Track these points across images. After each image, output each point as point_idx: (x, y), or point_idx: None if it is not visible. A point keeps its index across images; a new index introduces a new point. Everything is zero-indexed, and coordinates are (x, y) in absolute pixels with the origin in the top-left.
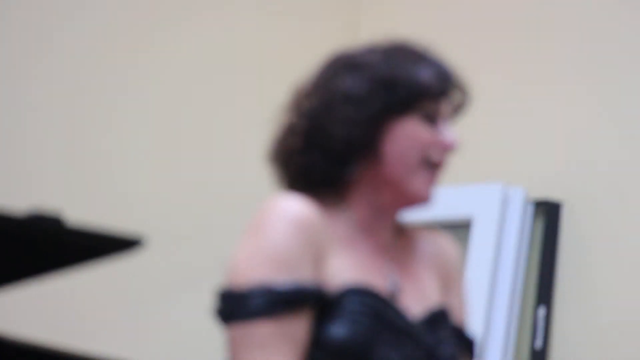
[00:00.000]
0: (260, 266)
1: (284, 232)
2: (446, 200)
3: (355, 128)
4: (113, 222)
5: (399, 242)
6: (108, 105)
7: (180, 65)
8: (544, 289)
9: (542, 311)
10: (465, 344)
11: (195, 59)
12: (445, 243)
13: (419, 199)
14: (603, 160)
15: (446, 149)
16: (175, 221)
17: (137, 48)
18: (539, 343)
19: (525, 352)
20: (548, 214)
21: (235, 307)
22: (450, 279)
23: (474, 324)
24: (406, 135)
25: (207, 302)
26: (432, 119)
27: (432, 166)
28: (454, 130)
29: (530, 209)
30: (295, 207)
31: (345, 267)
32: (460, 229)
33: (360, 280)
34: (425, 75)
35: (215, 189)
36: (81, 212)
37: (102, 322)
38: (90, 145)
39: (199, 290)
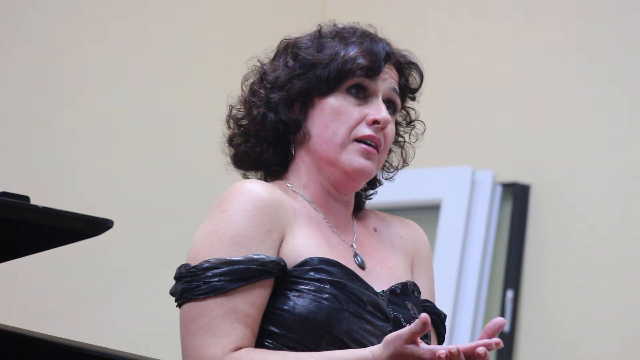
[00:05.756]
0: (218, 245)
1: (243, 213)
2: (416, 182)
3: (274, 112)
4: (75, 207)
5: (359, 222)
6: (70, 91)
7: (142, 53)
8: (512, 272)
9: (510, 294)
10: (436, 317)
11: (155, 46)
12: (415, 230)
13: (350, 170)
14: (570, 144)
15: (371, 123)
16: (137, 206)
17: (99, 35)
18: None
19: None
20: (516, 197)
21: (190, 285)
22: (419, 262)
23: (442, 307)
24: (330, 112)
25: (167, 285)
26: (363, 96)
27: (361, 141)
28: (382, 108)
29: (498, 192)
30: (255, 188)
31: (310, 243)
32: (429, 211)
33: (325, 254)
34: (346, 57)
35: (176, 175)
36: (45, 198)
37: (64, 305)
38: (53, 133)
39: (160, 274)
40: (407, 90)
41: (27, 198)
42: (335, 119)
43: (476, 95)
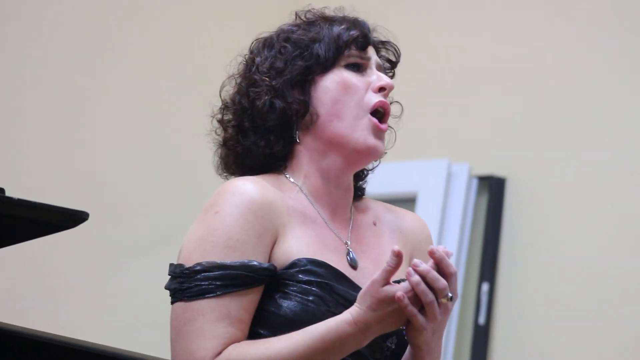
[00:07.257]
0: (211, 249)
1: (236, 216)
2: (392, 175)
3: (281, 98)
4: (60, 195)
5: (358, 215)
6: (48, 83)
7: (130, 46)
8: (488, 265)
9: (485, 287)
10: None
11: (143, 42)
12: (418, 224)
13: (364, 148)
14: (546, 138)
15: (377, 90)
16: (123, 194)
17: (87, 29)
18: (482, 319)
19: (469, 328)
20: (492, 190)
21: (182, 287)
22: (418, 257)
23: None
24: (336, 87)
25: (154, 272)
26: (359, 68)
27: (372, 112)
28: (383, 75)
29: (474, 185)
30: (248, 189)
31: (301, 245)
32: (405, 203)
33: (316, 255)
34: (338, 30)
35: (162, 164)
36: (21, 190)
37: (52, 293)
38: (28, 124)
39: (147, 261)
40: (387, 64)
41: (2, 190)
42: (343, 92)
43: (453, 88)
